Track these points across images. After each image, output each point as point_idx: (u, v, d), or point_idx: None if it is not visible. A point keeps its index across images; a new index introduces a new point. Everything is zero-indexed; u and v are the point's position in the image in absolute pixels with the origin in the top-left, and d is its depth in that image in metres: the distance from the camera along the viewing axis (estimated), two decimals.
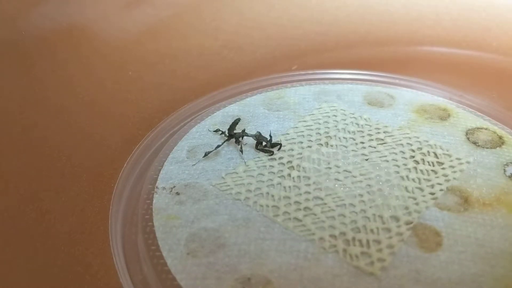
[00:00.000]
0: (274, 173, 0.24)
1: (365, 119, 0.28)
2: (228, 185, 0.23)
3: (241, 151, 0.25)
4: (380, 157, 0.25)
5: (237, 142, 0.25)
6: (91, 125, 0.30)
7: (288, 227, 0.21)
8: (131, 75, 0.35)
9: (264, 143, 0.25)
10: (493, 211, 0.22)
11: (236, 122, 0.27)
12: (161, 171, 0.24)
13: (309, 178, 0.24)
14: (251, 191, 0.23)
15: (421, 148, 0.25)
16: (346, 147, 0.26)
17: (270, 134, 0.25)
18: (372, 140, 0.26)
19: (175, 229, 0.21)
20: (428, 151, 0.25)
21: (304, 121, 0.28)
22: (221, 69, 0.35)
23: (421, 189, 0.23)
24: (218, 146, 0.25)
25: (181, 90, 0.33)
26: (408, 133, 0.26)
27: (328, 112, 0.28)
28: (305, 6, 0.41)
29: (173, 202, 0.23)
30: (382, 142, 0.26)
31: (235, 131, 0.26)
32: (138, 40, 0.38)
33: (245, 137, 0.25)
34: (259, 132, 0.25)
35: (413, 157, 0.25)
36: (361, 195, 0.23)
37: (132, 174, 0.25)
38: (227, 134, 0.26)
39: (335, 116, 0.28)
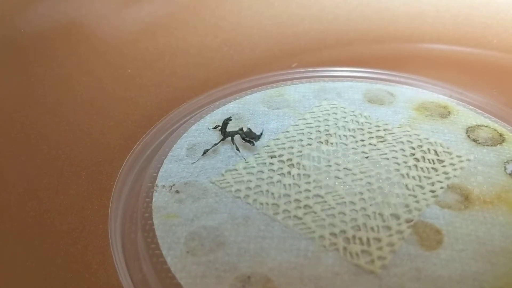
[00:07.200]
0: (274, 170, 0.24)
1: (365, 116, 0.27)
2: (228, 182, 0.23)
3: (238, 150, 0.25)
4: (380, 154, 0.25)
5: (233, 141, 0.25)
6: (90, 123, 0.30)
7: (288, 225, 0.21)
8: (130, 73, 0.34)
9: (246, 137, 0.25)
10: (494, 208, 0.22)
11: (226, 122, 0.26)
12: (160, 169, 0.24)
13: (309, 176, 0.23)
14: (250, 188, 0.23)
15: (421, 146, 0.25)
16: (346, 145, 0.25)
17: (262, 132, 0.26)
18: (372, 138, 0.26)
19: (175, 227, 0.21)
20: (429, 149, 0.25)
21: (304, 118, 0.27)
22: (220, 66, 0.35)
23: (422, 187, 0.23)
24: (215, 144, 0.25)
25: (180, 88, 0.33)
26: (408, 131, 0.26)
27: (328, 110, 0.28)
28: (304, 3, 0.41)
29: (173, 200, 0.23)
30: (382, 139, 0.26)
31: (229, 130, 0.26)
32: (136, 38, 0.38)
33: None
34: (249, 129, 0.25)
35: (414, 154, 0.25)
36: (361, 193, 0.22)
37: (132, 172, 0.25)
38: (222, 134, 0.26)
39: (335, 114, 0.28)
